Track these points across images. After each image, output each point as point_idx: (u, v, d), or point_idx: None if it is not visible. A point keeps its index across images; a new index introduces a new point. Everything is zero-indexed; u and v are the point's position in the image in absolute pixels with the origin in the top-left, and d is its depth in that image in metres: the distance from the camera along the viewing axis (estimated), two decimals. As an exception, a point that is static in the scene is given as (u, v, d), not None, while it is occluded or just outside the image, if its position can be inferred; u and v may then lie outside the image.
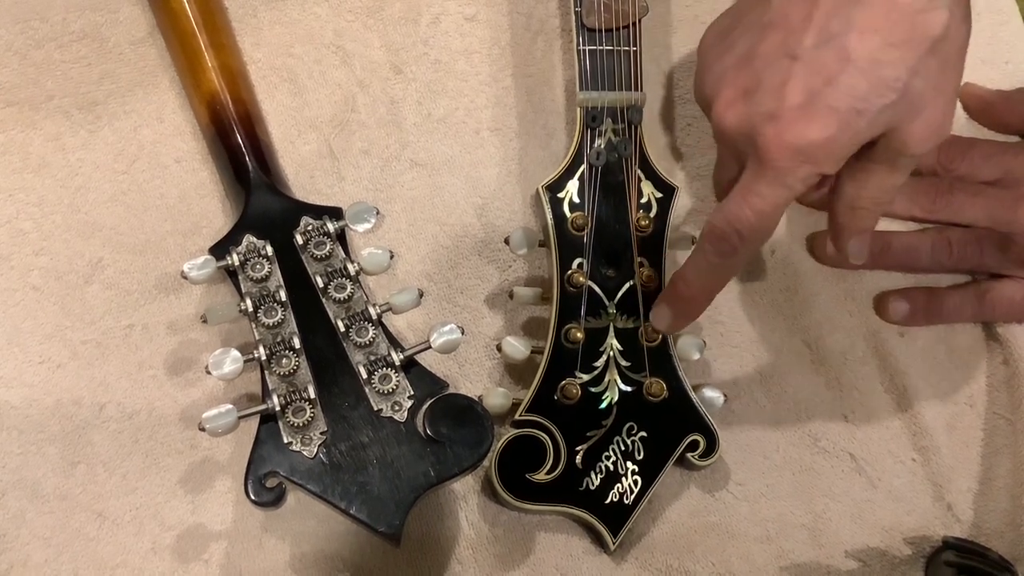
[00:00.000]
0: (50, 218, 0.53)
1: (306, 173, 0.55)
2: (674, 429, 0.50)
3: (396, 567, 0.50)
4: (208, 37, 0.53)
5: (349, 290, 0.48)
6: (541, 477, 0.49)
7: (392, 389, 0.46)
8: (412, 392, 0.47)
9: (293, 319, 0.47)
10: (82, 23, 0.56)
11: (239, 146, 0.52)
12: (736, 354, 0.55)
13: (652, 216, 0.53)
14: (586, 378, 0.50)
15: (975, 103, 0.59)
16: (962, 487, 0.54)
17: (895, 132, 0.42)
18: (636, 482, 0.49)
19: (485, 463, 0.48)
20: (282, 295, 0.48)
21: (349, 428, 0.46)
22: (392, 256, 0.49)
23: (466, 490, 0.51)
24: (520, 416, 0.49)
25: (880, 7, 0.41)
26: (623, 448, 0.50)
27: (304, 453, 0.45)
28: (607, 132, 0.53)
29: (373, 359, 0.47)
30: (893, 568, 0.52)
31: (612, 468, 0.49)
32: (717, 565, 0.51)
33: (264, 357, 0.46)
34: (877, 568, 0.52)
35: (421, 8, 0.59)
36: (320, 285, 0.48)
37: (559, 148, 0.57)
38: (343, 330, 0.47)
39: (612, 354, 0.51)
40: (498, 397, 0.50)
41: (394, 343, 0.48)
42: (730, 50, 0.45)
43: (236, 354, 0.46)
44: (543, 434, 0.49)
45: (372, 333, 0.47)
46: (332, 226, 0.49)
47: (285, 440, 0.45)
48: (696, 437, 0.50)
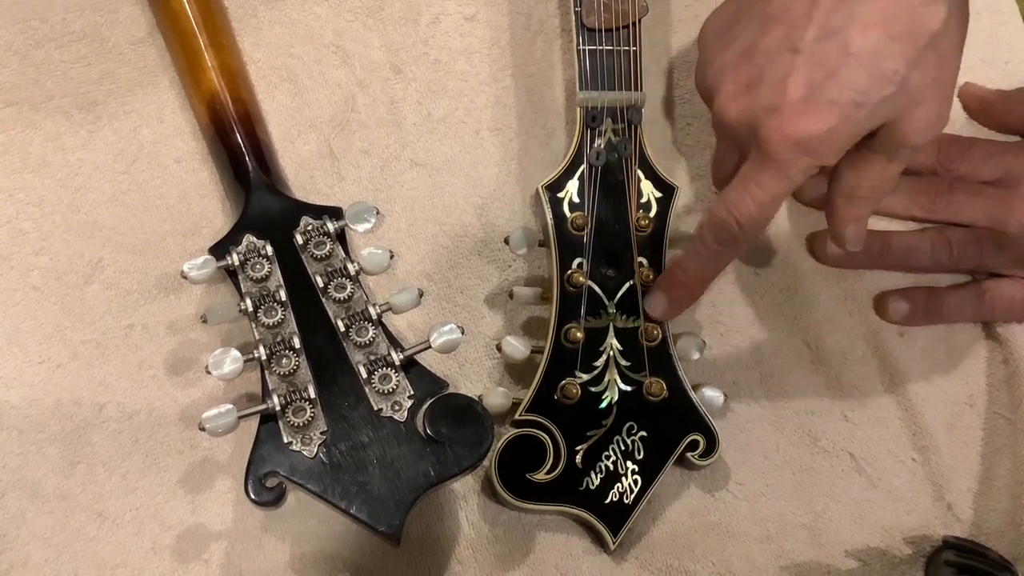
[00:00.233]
0: (50, 218, 0.53)
1: (306, 173, 0.55)
2: (674, 429, 0.50)
3: (396, 567, 0.50)
4: (208, 37, 0.53)
5: (349, 290, 0.48)
6: (541, 477, 0.49)
7: (392, 389, 0.46)
8: (412, 392, 0.47)
9: (293, 319, 0.47)
10: (82, 23, 0.56)
11: (239, 146, 0.52)
12: (736, 354, 0.55)
13: (652, 216, 0.53)
14: (586, 378, 0.50)
15: (975, 103, 0.59)
16: (962, 487, 0.54)
17: (894, 124, 0.43)
18: (636, 482, 0.49)
19: (485, 463, 0.48)
20: (282, 295, 0.48)
21: (349, 428, 0.46)
22: (392, 256, 0.49)
23: (466, 490, 0.51)
24: (520, 416, 0.49)
25: (880, 2, 0.42)
26: (623, 448, 0.50)
27: (304, 453, 0.45)
28: (607, 132, 0.53)
29: (373, 359, 0.47)
30: (893, 568, 0.52)
31: (612, 468, 0.49)
32: (717, 565, 0.51)
33: (264, 357, 0.46)
34: (877, 568, 0.52)
35: (421, 8, 0.59)
36: (320, 285, 0.48)
37: (559, 148, 0.57)
38: (343, 330, 0.47)
39: (612, 354, 0.51)
40: (498, 397, 0.50)
41: (394, 343, 0.48)
42: (732, 43, 0.46)
43: (236, 354, 0.46)
44: (543, 434, 0.49)
45: (372, 333, 0.47)
46: (332, 226, 0.49)
47: (285, 440, 0.45)
48: (696, 437, 0.50)
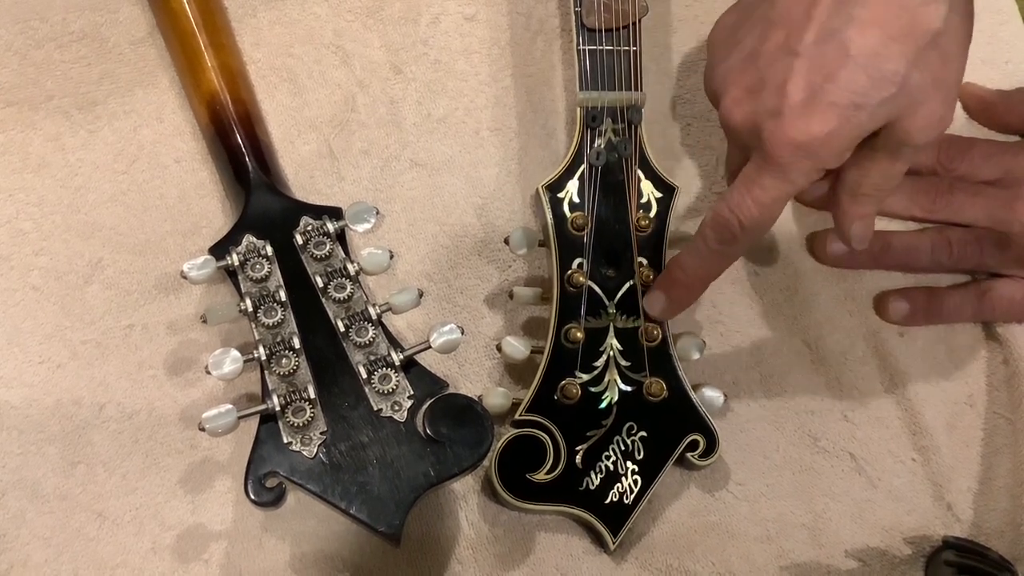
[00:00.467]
0: (50, 218, 0.53)
1: (306, 173, 0.55)
2: (674, 429, 0.50)
3: (396, 567, 0.50)
4: (208, 37, 0.53)
5: (349, 290, 0.48)
6: (541, 477, 0.49)
7: (392, 389, 0.46)
8: (412, 392, 0.47)
9: (293, 319, 0.47)
10: (82, 23, 0.56)
11: (239, 146, 0.52)
12: (736, 354, 0.55)
13: (652, 216, 0.53)
14: (586, 378, 0.50)
15: (975, 103, 0.59)
16: (962, 487, 0.54)
17: (897, 123, 0.43)
18: (636, 482, 0.49)
19: (485, 463, 0.48)
20: (282, 295, 0.48)
21: (349, 428, 0.46)
22: (392, 256, 0.49)
23: (466, 490, 0.51)
24: (520, 416, 0.49)
25: (879, 2, 0.42)
26: (623, 448, 0.50)
27: (304, 453, 0.45)
28: (607, 132, 0.53)
29: (373, 359, 0.47)
30: (893, 568, 0.52)
31: (612, 468, 0.49)
32: (717, 565, 0.51)
33: (264, 357, 0.46)
34: (877, 568, 0.52)
35: (421, 8, 0.59)
36: (320, 285, 0.48)
37: (559, 148, 0.57)
38: (343, 330, 0.47)
39: (612, 354, 0.51)
40: (498, 397, 0.50)
41: (394, 343, 0.48)
42: (737, 47, 0.46)
43: (236, 354, 0.46)
44: (543, 434, 0.49)
45: (372, 333, 0.47)
46: (332, 226, 0.49)
47: (285, 440, 0.45)
48: (696, 437, 0.50)
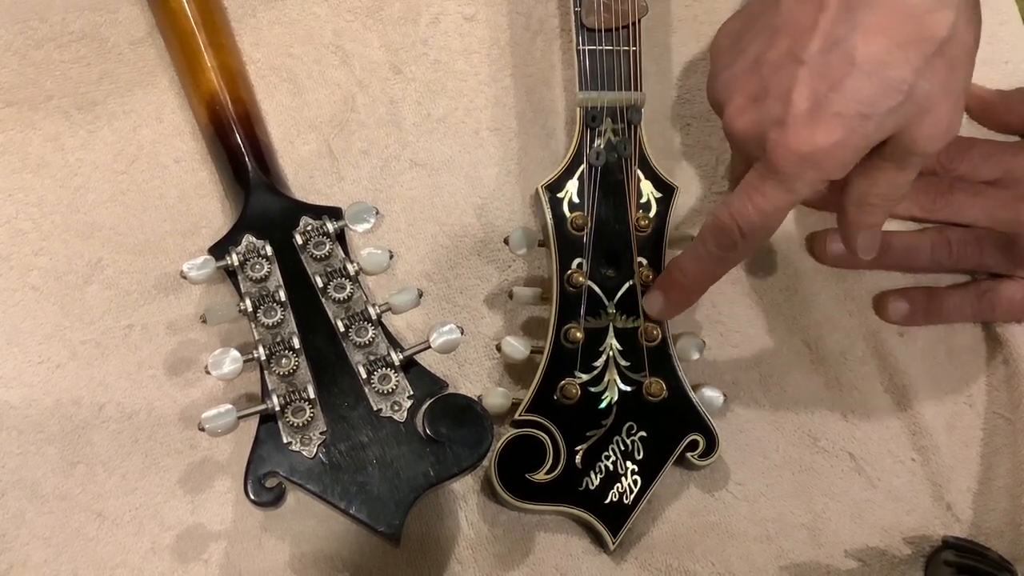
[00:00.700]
0: (49, 218, 0.53)
1: (305, 173, 0.55)
2: (674, 429, 0.50)
3: (396, 567, 0.50)
4: (207, 37, 0.53)
5: (349, 290, 0.48)
6: (541, 477, 0.49)
7: (392, 389, 0.46)
8: (412, 392, 0.47)
9: (293, 319, 0.47)
10: (81, 23, 0.56)
11: (238, 146, 0.51)
12: (736, 354, 0.55)
13: (652, 216, 0.53)
14: (586, 378, 0.50)
15: (975, 103, 0.59)
16: (962, 487, 0.54)
17: (904, 132, 0.42)
18: (636, 482, 0.49)
19: (485, 463, 0.48)
20: (281, 295, 0.48)
21: (349, 428, 0.46)
22: (392, 256, 0.49)
23: (466, 490, 0.51)
24: (520, 416, 0.49)
25: (885, 9, 0.41)
26: (623, 448, 0.50)
27: (304, 453, 0.45)
28: (607, 132, 0.53)
29: (373, 359, 0.47)
30: (893, 568, 0.52)
31: (612, 468, 0.49)
32: (717, 565, 0.51)
33: (264, 357, 0.46)
34: (877, 568, 0.52)
35: (420, 8, 0.59)
36: (320, 285, 0.48)
37: (559, 148, 0.57)
38: (343, 330, 0.47)
39: (612, 354, 0.51)
40: (498, 397, 0.50)
41: (394, 343, 0.48)
42: (741, 55, 0.46)
43: (236, 354, 0.46)
44: (543, 434, 0.49)
45: (372, 333, 0.47)
46: (331, 226, 0.49)
47: (285, 440, 0.45)
48: (696, 437, 0.50)
